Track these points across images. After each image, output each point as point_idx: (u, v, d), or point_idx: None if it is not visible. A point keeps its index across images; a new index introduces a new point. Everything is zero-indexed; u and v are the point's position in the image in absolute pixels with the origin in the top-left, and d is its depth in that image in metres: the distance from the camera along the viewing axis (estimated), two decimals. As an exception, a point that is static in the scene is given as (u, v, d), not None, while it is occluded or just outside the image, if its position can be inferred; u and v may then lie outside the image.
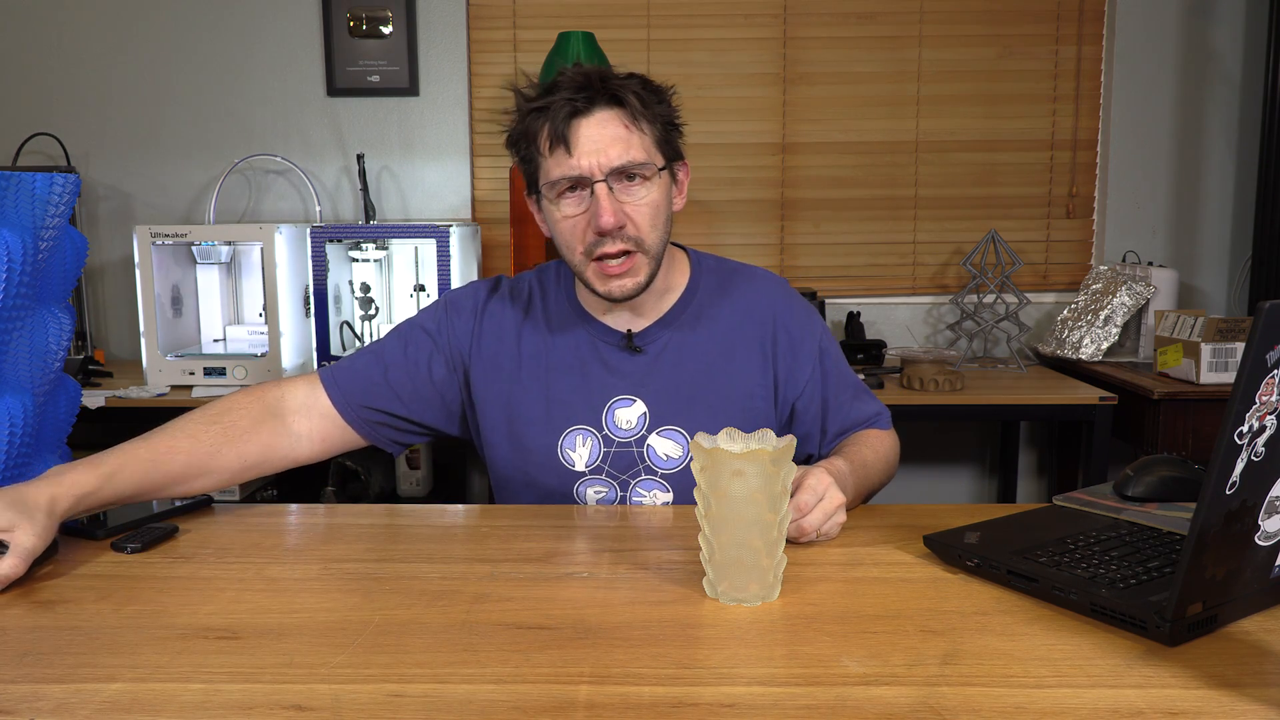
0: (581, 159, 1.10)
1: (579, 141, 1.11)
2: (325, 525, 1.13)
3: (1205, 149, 2.68)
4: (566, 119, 1.10)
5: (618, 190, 1.12)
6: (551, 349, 1.24)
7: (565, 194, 1.13)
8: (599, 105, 1.11)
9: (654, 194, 1.14)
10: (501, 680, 0.73)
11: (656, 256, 1.17)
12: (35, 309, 1.08)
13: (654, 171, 1.14)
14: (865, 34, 2.67)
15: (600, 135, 1.11)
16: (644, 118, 1.13)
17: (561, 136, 1.10)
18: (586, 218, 1.13)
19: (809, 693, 0.71)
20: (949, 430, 2.79)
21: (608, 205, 1.11)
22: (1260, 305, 0.67)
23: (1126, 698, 0.69)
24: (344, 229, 2.22)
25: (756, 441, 0.90)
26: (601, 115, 1.11)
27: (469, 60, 2.67)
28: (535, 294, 1.28)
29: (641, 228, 1.14)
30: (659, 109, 1.15)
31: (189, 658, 0.77)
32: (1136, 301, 2.42)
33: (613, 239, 1.12)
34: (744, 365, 1.24)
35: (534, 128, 1.14)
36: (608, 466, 1.22)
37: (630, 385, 1.22)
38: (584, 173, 1.11)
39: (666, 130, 1.17)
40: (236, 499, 2.37)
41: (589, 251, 1.14)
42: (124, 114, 2.66)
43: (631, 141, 1.12)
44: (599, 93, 1.11)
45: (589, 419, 1.22)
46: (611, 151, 1.11)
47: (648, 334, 1.24)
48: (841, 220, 2.74)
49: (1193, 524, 0.72)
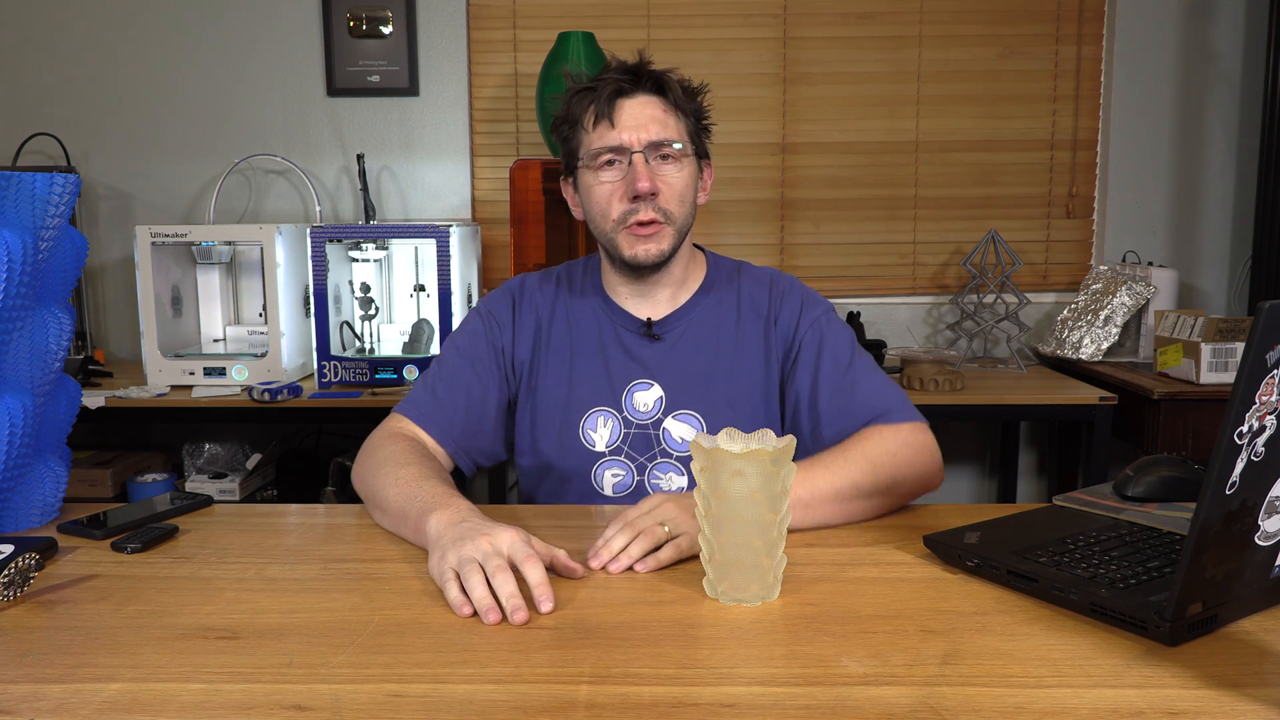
0: (623, 132, 1.21)
1: (621, 117, 1.22)
2: (325, 525, 1.13)
3: (1205, 149, 2.68)
4: (612, 97, 1.22)
5: (653, 164, 1.22)
6: (576, 334, 1.32)
7: (604, 165, 1.23)
8: (642, 89, 1.23)
9: (685, 173, 1.24)
10: (501, 680, 0.73)
11: (681, 231, 1.26)
12: (35, 309, 1.08)
13: (687, 153, 1.24)
14: (865, 34, 2.67)
15: (641, 114, 1.22)
16: (681, 108, 1.25)
17: (605, 113, 1.21)
18: (623, 184, 1.22)
19: (809, 693, 0.71)
20: (949, 430, 2.79)
21: (644, 171, 1.21)
22: (1260, 305, 0.67)
23: (1126, 698, 0.69)
24: (344, 229, 2.22)
25: (756, 441, 0.90)
26: (644, 98, 1.23)
27: (469, 60, 2.67)
28: (563, 283, 1.36)
29: (670, 200, 1.23)
30: (694, 105, 1.27)
31: (189, 658, 0.77)
32: (1136, 301, 2.42)
33: (645, 206, 1.21)
34: (753, 354, 1.29)
35: (579, 107, 1.24)
36: (627, 448, 1.27)
37: (648, 370, 1.29)
38: (624, 143, 1.21)
39: (697, 127, 1.28)
40: (236, 499, 2.37)
41: (622, 219, 1.22)
42: (124, 114, 2.66)
43: (668, 123, 1.23)
44: (644, 78, 1.23)
45: (609, 400, 1.29)
46: (651, 128, 1.21)
47: (666, 322, 1.31)
48: (841, 220, 2.74)
49: (1193, 524, 0.72)
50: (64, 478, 1.15)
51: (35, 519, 1.11)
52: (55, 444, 1.15)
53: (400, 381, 2.19)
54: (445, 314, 2.17)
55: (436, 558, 0.92)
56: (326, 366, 2.20)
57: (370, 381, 2.20)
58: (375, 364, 2.20)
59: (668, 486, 1.27)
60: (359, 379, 2.20)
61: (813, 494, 1.06)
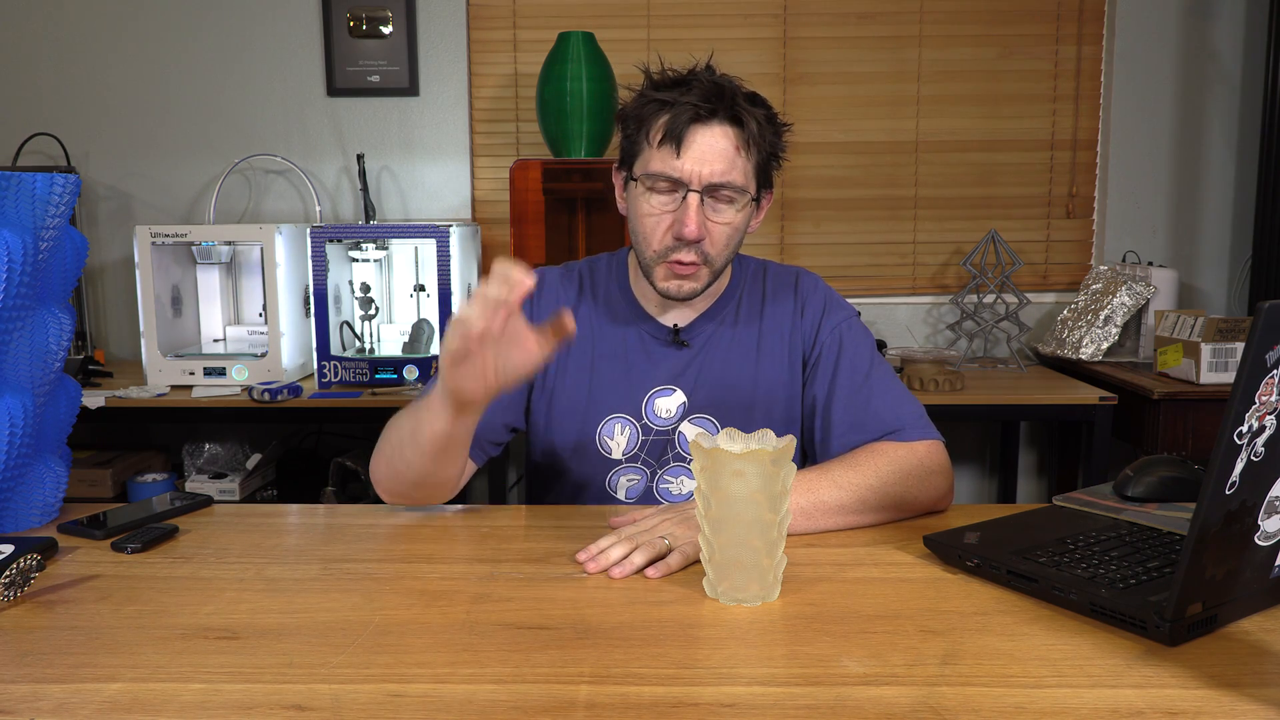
0: (686, 164, 1.13)
1: (690, 147, 1.13)
2: (325, 525, 1.13)
3: (1205, 149, 2.68)
4: (687, 122, 1.13)
5: (707, 204, 1.15)
6: (599, 338, 1.28)
7: (660, 190, 1.16)
8: (720, 119, 1.14)
9: (738, 219, 1.18)
10: (501, 680, 0.73)
11: (717, 272, 1.21)
12: (35, 309, 1.08)
13: (745, 200, 1.17)
14: (865, 34, 2.67)
15: (710, 148, 1.13)
16: (755, 143, 1.16)
17: (676, 136, 1.13)
18: (672, 219, 1.16)
19: (809, 693, 0.71)
20: (949, 430, 2.75)
21: (695, 217, 1.13)
22: (1260, 305, 0.67)
23: (1126, 698, 0.69)
24: (344, 229, 2.22)
25: (756, 441, 0.90)
26: (719, 129, 1.14)
27: (469, 60, 2.67)
28: (586, 283, 1.31)
29: (716, 245, 1.18)
30: (771, 140, 1.18)
31: (189, 658, 0.77)
32: (1136, 301, 2.42)
33: (688, 249, 1.16)
34: (776, 360, 1.27)
35: (651, 117, 1.16)
36: (643, 454, 1.25)
37: (671, 376, 1.26)
38: (684, 177, 1.14)
39: (769, 161, 1.20)
40: (236, 499, 2.37)
41: (663, 253, 1.17)
42: (124, 114, 2.66)
43: (736, 163, 1.15)
44: (725, 107, 1.14)
45: (629, 408, 1.26)
46: (716, 166, 1.13)
47: (692, 328, 1.28)
48: (841, 220, 2.74)
49: (1192, 524, 0.72)
50: (64, 478, 1.15)
51: (35, 519, 1.11)
52: (55, 444, 1.15)
53: (400, 381, 2.19)
54: (445, 314, 2.17)
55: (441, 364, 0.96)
56: (326, 366, 2.20)
57: (370, 381, 2.20)
58: (375, 364, 2.20)
59: (677, 490, 1.26)
60: (359, 379, 2.20)
61: (815, 505, 1.06)
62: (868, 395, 1.21)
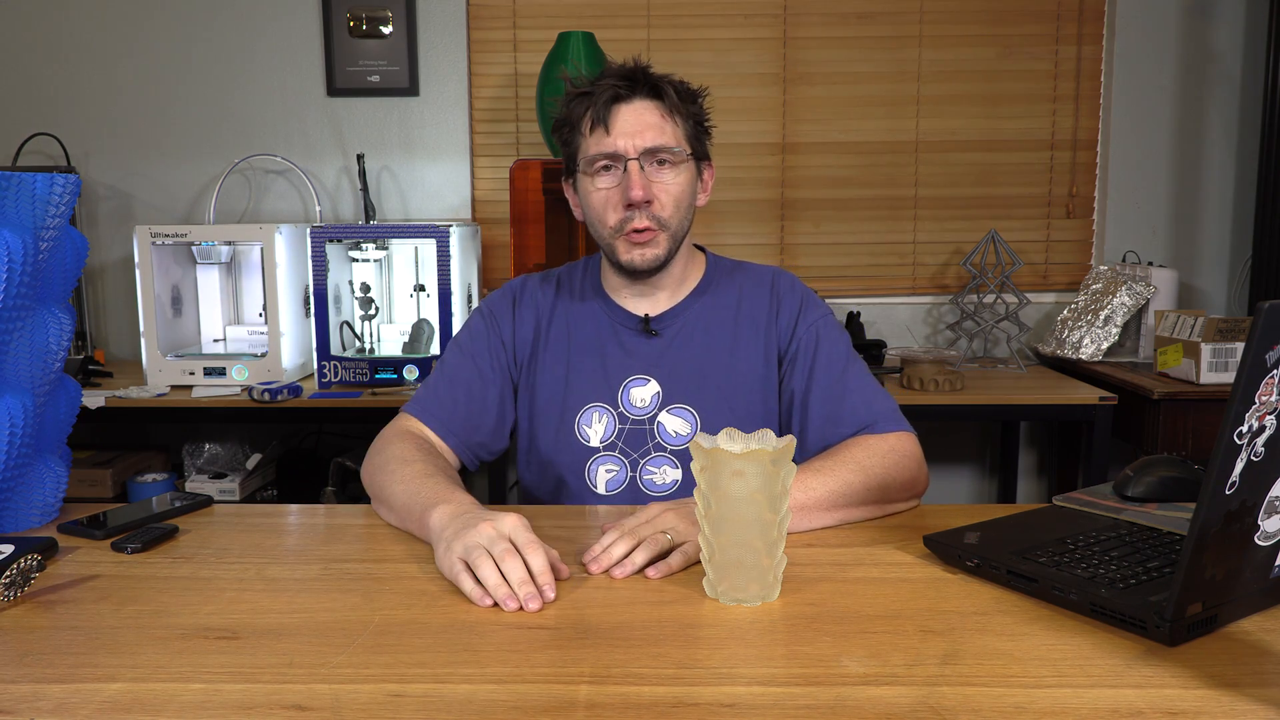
0: (618, 139, 1.21)
1: (617, 123, 1.21)
2: (325, 525, 1.13)
3: (1205, 149, 2.68)
4: (608, 103, 1.21)
5: (648, 170, 1.22)
6: (574, 330, 1.33)
7: (600, 171, 1.23)
8: (639, 94, 1.22)
9: (680, 179, 1.24)
10: (501, 680, 0.73)
11: (676, 237, 1.26)
12: (35, 309, 1.08)
13: (683, 158, 1.24)
14: (865, 34, 2.67)
15: (637, 120, 1.21)
16: (678, 112, 1.24)
17: (602, 118, 1.21)
18: (619, 191, 1.22)
19: (809, 693, 0.71)
20: (949, 430, 2.79)
21: (638, 179, 1.20)
22: (1260, 305, 0.67)
23: (1126, 698, 0.69)
24: (344, 229, 2.22)
25: (756, 441, 0.90)
26: (640, 104, 1.22)
27: (469, 60, 2.67)
28: (564, 284, 1.37)
29: (666, 207, 1.23)
30: (692, 108, 1.26)
31: (189, 658, 0.77)
32: (1136, 301, 2.42)
33: (639, 214, 1.22)
34: (751, 352, 1.30)
35: (577, 112, 1.24)
36: (621, 443, 1.28)
37: (645, 365, 1.30)
38: (619, 150, 1.21)
39: (696, 129, 1.27)
40: (236, 499, 2.37)
41: (618, 226, 1.23)
42: (124, 114, 2.66)
43: (665, 129, 1.22)
44: (640, 83, 1.22)
45: (605, 396, 1.29)
46: (646, 134, 1.21)
47: (663, 319, 1.31)
48: (841, 220, 2.74)
49: (1192, 524, 0.72)
50: (64, 478, 1.15)
51: (35, 519, 1.11)
52: (55, 444, 1.15)
53: (400, 381, 2.19)
54: (445, 314, 2.17)
55: (442, 550, 0.93)
56: (326, 366, 2.20)
57: (370, 381, 2.20)
58: (375, 364, 2.20)
59: (661, 480, 1.28)
60: (359, 379, 2.20)
61: (807, 497, 1.07)
62: (843, 391, 1.25)
